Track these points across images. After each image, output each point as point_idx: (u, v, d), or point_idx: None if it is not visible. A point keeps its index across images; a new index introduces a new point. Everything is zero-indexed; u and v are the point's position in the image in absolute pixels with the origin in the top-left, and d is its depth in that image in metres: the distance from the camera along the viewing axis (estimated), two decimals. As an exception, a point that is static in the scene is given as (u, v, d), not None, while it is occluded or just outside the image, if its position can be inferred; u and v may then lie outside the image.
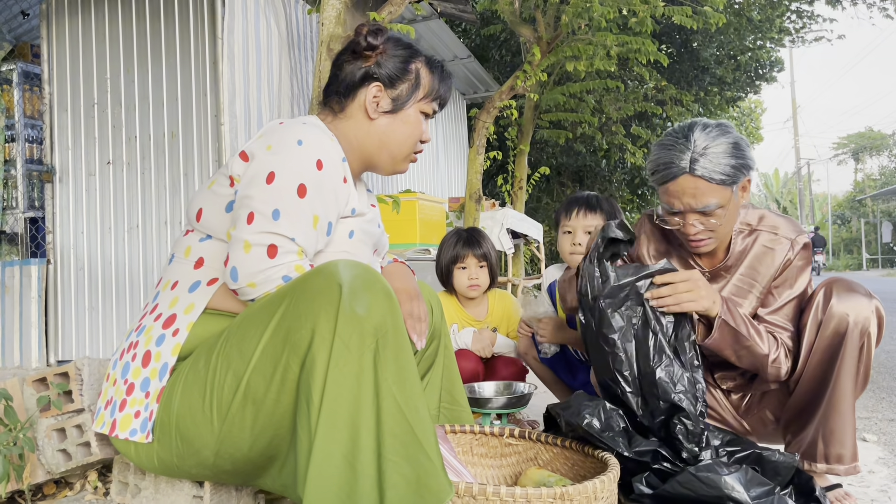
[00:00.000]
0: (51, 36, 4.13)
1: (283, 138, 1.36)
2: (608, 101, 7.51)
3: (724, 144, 1.65)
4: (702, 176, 1.64)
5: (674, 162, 1.66)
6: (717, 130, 1.67)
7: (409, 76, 1.54)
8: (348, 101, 1.53)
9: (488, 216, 5.60)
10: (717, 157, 1.63)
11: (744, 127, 15.66)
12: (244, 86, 3.71)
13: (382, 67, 1.52)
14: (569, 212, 2.43)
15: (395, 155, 1.57)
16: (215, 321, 1.36)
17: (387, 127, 1.53)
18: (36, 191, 4.53)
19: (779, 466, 1.53)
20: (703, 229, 1.71)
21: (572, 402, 1.60)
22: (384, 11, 3.39)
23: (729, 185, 1.66)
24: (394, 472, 1.10)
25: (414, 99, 1.55)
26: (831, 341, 1.70)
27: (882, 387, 3.45)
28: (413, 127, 1.56)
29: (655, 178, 1.71)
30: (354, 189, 1.48)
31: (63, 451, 1.68)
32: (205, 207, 1.42)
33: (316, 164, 1.35)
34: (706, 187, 1.65)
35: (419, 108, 1.56)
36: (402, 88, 1.53)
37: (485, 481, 1.70)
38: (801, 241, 1.76)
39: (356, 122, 1.53)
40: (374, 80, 1.52)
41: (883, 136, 32.61)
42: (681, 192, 1.68)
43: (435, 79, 1.58)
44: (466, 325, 2.60)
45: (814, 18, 9.55)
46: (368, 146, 1.54)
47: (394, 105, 1.53)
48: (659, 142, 1.73)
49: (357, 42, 1.53)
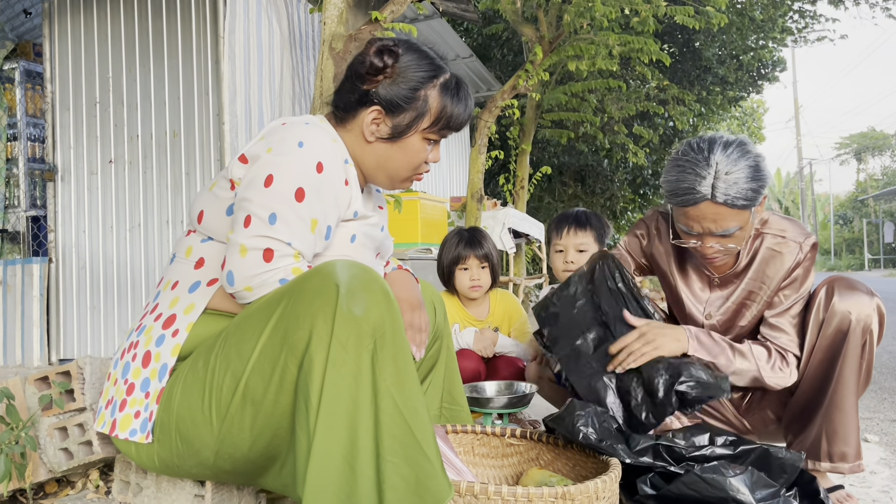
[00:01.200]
0: (53, 35, 4.13)
1: (283, 139, 1.35)
2: (610, 101, 7.51)
3: (745, 168, 1.60)
4: (724, 203, 1.59)
5: (695, 188, 1.61)
6: (738, 151, 1.62)
7: (415, 104, 1.43)
8: (349, 117, 1.48)
9: (490, 215, 5.60)
10: (739, 181, 1.59)
11: (746, 127, 15.64)
12: (246, 85, 3.70)
13: (385, 91, 1.42)
14: (559, 230, 2.48)
15: (393, 177, 1.51)
16: (215, 321, 1.36)
17: (384, 152, 1.47)
18: (38, 189, 4.53)
19: (785, 464, 1.52)
20: (720, 249, 1.71)
21: (565, 415, 1.59)
22: (386, 10, 3.38)
23: (749, 208, 1.63)
24: (393, 473, 1.09)
25: (416, 129, 1.45)
26: (833, 339, 1.70)
27: (884, 387, 3.45)
28: (413, 155, 1.48)
29: (674, 200, 1.66)
30: (359, 191, 1.47)
31: (65, 449, 1.68)
32: (206, 209, 1.42)
33: (316, 167, 1.34)
34: (727, 213, 1.62)
35: (423, 136, 1.46)
36: (404, 117, 1.43)
37: (486, 481, 1.70)
38: (809, 242, 1.76)
39: (355, 137, 1.48)
40: (373, 104, 1.43)
41: (885, 136, 32.56)
42: (701, 217, 1.65)
43: (447, 103, 1.45)
44: (468, 325, 2.60)
45: (816, 18, 9.53)
46: (366, 164, 1.50)
47: (392, 132, 1.44)
48: (676, 160, 1.68)
49: (362, 61, 1.45)
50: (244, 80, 3.69)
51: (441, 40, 6.13)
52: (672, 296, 1.95)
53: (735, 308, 1.84)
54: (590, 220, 2.47)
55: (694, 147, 1.66)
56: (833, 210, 33.56)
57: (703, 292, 1.89)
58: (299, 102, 4.11)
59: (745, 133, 15.30)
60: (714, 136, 1.67)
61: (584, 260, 2.44)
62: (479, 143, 5.21)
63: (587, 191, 10.26)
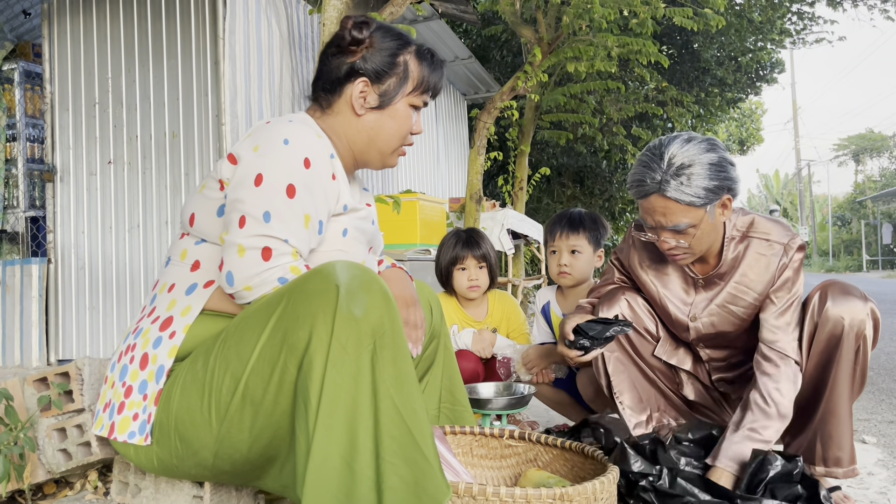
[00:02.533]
0: (52, 35, 4.13)
1: (269, 138, 1.35)
2: (609, 102, 7.51)
3: (700, 165, 1.60)
4: (671, 197, 1.61)
5: (645, 180, 1.63)
6: (697, 148, 1.62)
7: (397, 69, 1.49)
8: (335, 97, 1.50)
9: (489, 217, 5.60)
10: (691, 178, 1.60)
11: (744, 128, 15.64)
12: (245, 86, 3.71)
13: (368, 62, 1.47)
14: (553, 232, 2.48)
15: (384, 150, 1.54)
16: (213, 322, 1.36)
17: (375, 123, 1.50)
18: (37, 190, 4.53)
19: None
20: (676, 245, 1.71)
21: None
22: (385, 12, 3.39)
23: (701, 206, 1.63)
24: (392, 474, 1.10)
25: (402, 93, 1.50)
26: (827, 345, 1.70)
27: (881, 388, 3.45)
28: (402, 121, 1.52)
29: (631, 192, 1.71)
30: (347, 185, 1.47)
31: (63, 450, 1.68)
32: (197, 212, 1.42)
33: (303, 163, 1.34)
34: (676, 208, 1.63)
35: (408, 102, 1.51)
36: (390, 83, 1.49)
37: (484, 482, 1.70)
38: (795, 244, 1.75)
39: (344, 117, 1.50)
40: (359, 76, 1.47)
41: (883, 137, 32.55)
42: (652, 209, 1.67)
43: (424, 69, 1.52)
44: (466, 326, 2.61)
45: (814, 20, 9.54)
46: (357, 142, 1.52)
47: (381, 101, 1.49)
48: (639, 154, 1.71)
49: (342, 36, 1.49)
50: (244, 81, 3.69)
51: (440, 42, 6.14)
52: (655, 303, 1.95)
53: (718, 310, 1.84)
54: (583, 221, 2.47)
55: (656, 143, 1.69)
56: (831, 211, 33.56)
57: (687, 295, 1.88)
58: (299, 103, 4.11)
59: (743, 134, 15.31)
60: (678, 134, 1.68)
61: (577, 262, 2.45)
62: (478, 144, 5.21)
63: (586, 192, 10.26)
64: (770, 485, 1.51)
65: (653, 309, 1.96)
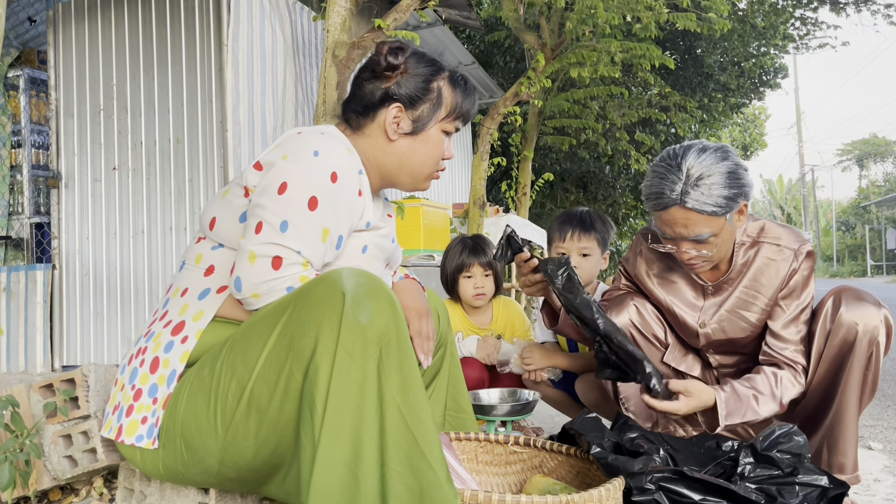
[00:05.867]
0: (57, 42, 4.15)
1: (299, 148, 1.36)
2: (612, 108, 7.51)
3: (717, 174, 1.60)
4: (693, 208, 1.60)
5: (664, 193, 1.62)
6: (713, 157, 1.62)
7: (431, 95, 1.50)
8: (366, 121, 1.50)
9: (492, 222, 5.61)
10: (710, 188, 1.59)
11: (748, 133, 15.62)
12: (249, 92, 3.72)
13: (402, 87, 1.48)
14: (563, 231, 2.35)
15: (416, 175, 1.55)
16: (223, 329, 1.36)
17: (407, 148, 1.51)
18: (42, 196, 4.54)
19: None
20: (698, 255, 1.70)
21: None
22: (389, 18, 3.40)
23: (722, 214, 1.62)
24: (397, 482, 1.09)
25: (435, 119, 1.51)
26: (839, 350, 1.69)
27: (888, 395, 3.44)
28: (434, 147, 1.53)
29: (648, 205, 1.69)
30: (371, 202, 1.47)
31: (69, 457, 1.68)
32: (218, 216, 1.42)
33: (330, 177, 1.34)
34: (698, 218, 1.62)
35: (441, 128, 1.52)
36: (423, 109, 1.49)
37: (490, 489, 1.69)
38: (805, 250, 1.75)
39: (375, 140, 1.51)
40: (393, 101, 1.48)
41: (887, 142, 32.51)
42: (672, 221, 1.66)
43: (458, 95, 1.53)
44: (471, 333, 2.60)
45: (818, 25, 9.54)
46: (387, 165, 1.52)
47: (414, 126, 1.49)
48: (653, 166, 1.70)
49: (377, 62, 1.49)
50: (247, 88, 3.70)
51: (444, 47, 6.15)
52: (664, 310, 1.94)
53: (729, 315, 1.83)
54: (594, 222, 2.36)
55: (670, 153, 1.67)
56: (835, 216, 33.53)
57: (697, 300, 1.87)
58: (302, 110, 4.12)
59: (747, 139, 15.29)
60: (692, 143, 1.67)
61: (586, 264, 2.37)
62: (482, 149, 5.22)
63: (589, 197, 10.26)
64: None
65: (662, 315, 1.95)
